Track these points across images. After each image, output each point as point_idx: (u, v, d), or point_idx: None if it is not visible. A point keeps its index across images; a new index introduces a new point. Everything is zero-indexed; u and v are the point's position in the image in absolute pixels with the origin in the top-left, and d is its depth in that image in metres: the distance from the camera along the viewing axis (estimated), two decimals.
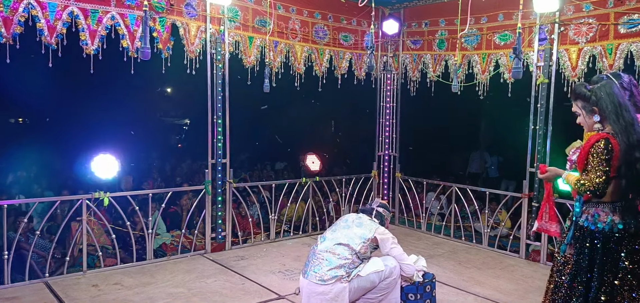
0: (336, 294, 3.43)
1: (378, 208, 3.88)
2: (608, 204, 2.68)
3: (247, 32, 5.68)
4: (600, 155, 2.60)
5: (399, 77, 7.09)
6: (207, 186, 5.50)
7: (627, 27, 4.85)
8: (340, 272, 3.46)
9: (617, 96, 2.68)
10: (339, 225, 3.75)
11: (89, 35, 4.57)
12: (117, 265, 5.07)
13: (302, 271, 3.65)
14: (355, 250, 3.53)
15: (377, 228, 3.65)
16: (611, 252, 2.66)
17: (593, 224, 2.70)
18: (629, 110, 2.67)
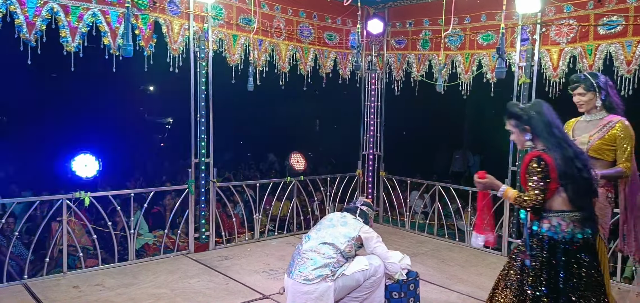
0: (321, 293, 3.42)
1: (362, 207, 3.89)
2: (568, 213, 2.78)
3: (231, 30, 5.64)
4: (536, 173, 2.75)
5: (384, 76, 7.12)
6: (191, 186, 5.44)
7: (606, 28, 4.94)
8: (326, 271, 3.45)
9: (546, 114, 2.85)
10: (323, 224, 3.74)
11: (70, 32, 4.49)
12: (99, 266, 4.99)
13: (287, 270, 3.64)
14: (340, 249, 3.53)
15: (362, 227, 3.66)
16: (572, 261, 2.75)
17: (555, 233, 2.78)
18: (559, 127, 2.84)
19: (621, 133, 3.35)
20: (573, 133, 3.58)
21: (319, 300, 3.42)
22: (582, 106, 3.51)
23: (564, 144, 2.78)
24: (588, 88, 3.43)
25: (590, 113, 3.51)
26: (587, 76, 3.48)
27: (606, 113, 3.46)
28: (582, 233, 2.77)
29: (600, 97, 3.43)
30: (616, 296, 4.61)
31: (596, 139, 3.40)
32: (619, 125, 3.37)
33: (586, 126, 3.52)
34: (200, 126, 5.42)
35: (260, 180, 6.63)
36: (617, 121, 3.39)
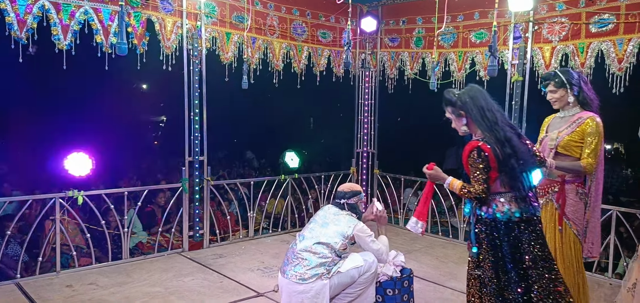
0: (317, 292, 3.43)
1: (348, 201, 3.81)
2: (504, 194, 2.87)
3: (224, 28, 5.63)
4: (476, 164, 2.82)
5: (377, 74, 7.13)
6: (184, 184, 5.43)
7: (598, 26, 4.98)
8: (321, 270, 3.46)
9: (479, 99, 2.91)
10: (316, 222, 3.74)
11: (61, 30, 4.46)
12: (92, 265, 4.97)
13: (281, 270, 3.64)
14: (335, 249, 3.54)
15: (356, 225, 3.66)
16: (514, 240, 2.85)
17: (492, 215, 2.88)
18: (493, 110, 2.88)
19: (589, 129, 3.36)
20: (547, 129, 3.62)
21: (315, 299, 3.43)
22: (555, 102, 3.53)
23: (495, 128, 2.83)
24: (559, 85, 3.45)
25: (564, 110, 3.53)
26: (557, 72, 3.50)
27: (580, 109, 3.47)
28: (520, 211, 2.85)
29: (573, 93, 3.44)
30: (608, 292, 4.66)
31: (565, 136, 3.42)
32: (589, 121, 3.38)
33: (559, 123, 3.54)
34: (193, 124, 5.41)
35: (254, 178, 6.62)
36: (587, 117, 3.40)
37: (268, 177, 6.73)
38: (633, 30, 4.74)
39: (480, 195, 2.83)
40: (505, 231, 2.86)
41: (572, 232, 3.46)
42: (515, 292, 2.85)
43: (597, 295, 4.59)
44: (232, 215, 6.50)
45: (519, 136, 2.94)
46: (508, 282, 2.87)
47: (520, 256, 2.85)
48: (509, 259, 2.86)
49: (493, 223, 2.89)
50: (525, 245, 2.85)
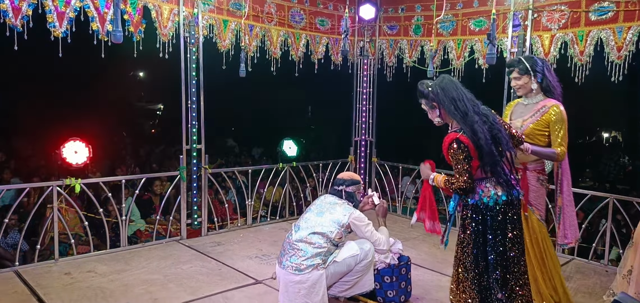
0: (314, 282, 3.44)
1: (347, 189, 3.82)
2: (488, 180, 2.89)
3: (221, 15, 5.58)
4: (457, 156, 2.83)
5: (376, 62, 7.10)
6: (182, 172, 5.43)
7: (597, 14, 4.95)
8: (317, 260, 3.47)
9: (451, 89, 2.90)
10: (312, 211, 3.74)
11: (57, 17, 4.42)
12: (90, 253, 4.98)
13: (278, 260, 3.65)
14: (331, 238, 3.54)
15: (352, 213, 3.65)
16: (499, 224, 2.89)
17: (478, 200, 2.91)
18: (464, 99, 2.87)
19: (554, 117, 3.42)
20: (511, 116, 3.67)
21: (312, 289, 3.44)
22: (518, 89, 3.57)
23: (469, 116, 2.84)
24: (523, 72, 3.49)
25: (527, 97, 3.57)
26: (521, 59, 3.54)
27: (543, 96, 3.53)
28: (506, 194, 2.88)
29: (536, 80, 3.48)
30: (604, 278, 4.69)
31: (529, 124, 3.48)
32: (553, 109, 3.43)
33: (523, 110, 3.59)
34: (191, 112, 5.39)
35: (252, 166, 6.62)
36: (551, 105, 3.45)
37: (266, 165, 6.72)
38: (633, 19, 4.73)
39: (464, 186, 2.84)
40: (491, 215, 2.90)
41: (535, 217, 3.57)
42: (492, 277, 2.91)
43: (593, 282, 4.62)
44: (230, 203, 6.50)
45: (493, 123, 2.91)
46: (486, 268, 2.94)
47: (502, 240, 2.91)
48: (491, 244, 2.91)
49: (480, 208, 2.92)
50: (509, 227, 2.91)
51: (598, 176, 10.17)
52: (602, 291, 4.34)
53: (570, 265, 5.07)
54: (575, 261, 5.20)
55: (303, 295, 3.45)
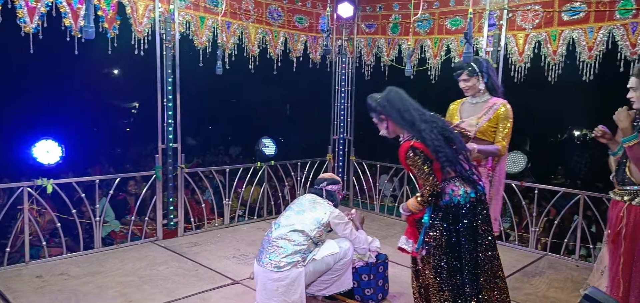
0: (292, 279, 3.43)
1: (327, 188, 3.85)
2: (456, 178, 2.95)
3: (198, 12, 5.51)
4: (416, 162, 2.87)
5: (354, 60, 7.12)
6: (158, 172, 5.34)
7: (570, 14, 5.07)
8: (296, 257, 3.46)
9: (396, 101, 2.97)
10: (292, 209, 3.73)
11: (27, 12, 4.29)
12: (63, 255, 4.86)
13: (257, 258, 3.62)
14: (311, 236, 3.54)
15: (332, 212, 3.66)
16: (470, 221, 2.94)
17: (450, 201, 2.94)
18: (410, 110, 2.93)
19: (502, 113, 3.63)
20: (460, 115, 3.81)
21: (290, 287, 3.43)
22: (467, 90, 3.75)
23: (416, 125, 2.89)
24: (471, 74, 3.67)
25: (475, 96, 3.75)
26: (469, 62, 3.73)
27: (489, 95, 3.73)
28: (474, 191, 2.95)
29: (483, 81, 3.69)
30: (575, 273, 4.81)
31: (484, 122, 3.65)
32: (502, 107, 3.65)
33: (473, 108, 3.76)
34: (167, 110, 5.31)
35: (229, 166, 6.56)
36: (500, 104, 3.67)
37: (244, 164, 6.67)
38: (603, 19, 4.85)
39: (433, 190, 2.85)
40: (463, 214, 2.93)
41: None
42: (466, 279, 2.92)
43: (565, 276, 4.73)
44: (207, 203, 6.43)
45: (443, 127, 2.95)
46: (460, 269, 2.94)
47: (474, 239, 2.94)
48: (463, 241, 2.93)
49: (451, 209, 2.94)
50: (480, 224, 2.96)
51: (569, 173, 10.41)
52: (574, 285, 4.45)
53: (542, 260, 5.18)
54: (548, 256, 5.31)
55: (281, 293, 3.43)
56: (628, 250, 2.97)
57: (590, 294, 2.80)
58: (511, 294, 4.13)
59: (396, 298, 4.08)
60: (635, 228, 2.95)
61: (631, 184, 2.98)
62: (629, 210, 2.98)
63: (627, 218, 2.98)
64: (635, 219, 2.95)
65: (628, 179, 3.00)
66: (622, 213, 2.99)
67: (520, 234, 6.20)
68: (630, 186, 2.99)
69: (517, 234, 6.11)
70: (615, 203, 3.11)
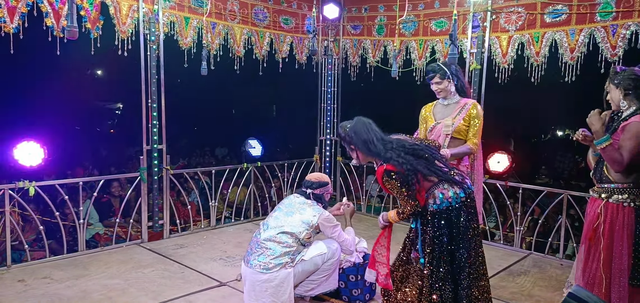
0: (281, 281, 3.42)
1: (315, 191, 3.82)
2: (440, 183, 3.00)
3: (182, 12, 5.47)
4: (393, 185, 2.92)
5: (340, 62, 7.13)
6: (143, 174, 5.29)
7: (552, 17, 5.15)
8: (285, 259, 3.45)
9: (362, 133, 3.03)
10: (281, 210, 3.72)
11: (8, 12, 4.22)
12: (46, 258, 4.78)
13: (244, 259, 3.61)
14: (300, 238, 3.53)
15: (321, 214, 3.66)
16: (465, 221, 3.00)
17: (441, 204, 2.99)
18: (373, 142, 2.99)
19: (474, 112, 3.74)
20: (434, 117, 3.91)
21: (279, 288, 3.43)
22: (439, 93, 3.84)
23: (382, 155, 2.95)
24: (443, 76, 3.77)
25: (447, 98, 3.85)
26: (441, 65, 3.83)
27: (459, 97, 3.84)
28: (463, 191, 3.01)
29: (454, 83, 3.80)
30: (559, 272, 4.88)
31: (459, 122, 3.74)
32: (473, 107, 3.76)
33: (445, 110, 3.86)
34: (151, 111, 5.26)
35: (215, 167, 6.52)
36: (471, 103, 3.78)
37: (230, 165, 6.64)
38: (584, 21, 4.93)
39: (413, 210, 2.93)
40: (457, 215, 2.97)
41: None
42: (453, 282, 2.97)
43: (549, 275, 4.79)
44: (193, 205, 6.38)
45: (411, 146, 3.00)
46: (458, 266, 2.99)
47: (469, 237, 2.99)
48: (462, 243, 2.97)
49: (443, 212, 2.98)
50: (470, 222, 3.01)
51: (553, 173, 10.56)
52: (558, 284, 4.51)
53: (527, 259, 5.25)
54: (533, 255, 5.38)
55: (270, 294, 3.43)
56: (607, 247, 3.05)
57: (575, 292, 2.86)
58: (496, 293, 4.21)
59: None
60: (613, 225, 3.04)
61: (608, 182, 3.08)
62: (606, 207, 3.07)
63: (605, 215, 3.07)
64: (612, 216, 3.05)
65: (605, 177, 3.10)
66: (599, 210, 3.08)
67: (505, 233, 6.27)
68: (608, 183, 3.09)
69: (502, 233, 6.18)
70: (593, 200, 3.21)
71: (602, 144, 2.93)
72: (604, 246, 3.05)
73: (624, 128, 2.96)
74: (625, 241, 3.00)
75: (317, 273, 3.66)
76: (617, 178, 3.04)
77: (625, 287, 2.99)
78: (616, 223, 3.03)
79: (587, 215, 3.27)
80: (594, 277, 3.11)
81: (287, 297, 3.45)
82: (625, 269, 3.00)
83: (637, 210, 3.00)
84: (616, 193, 3.03)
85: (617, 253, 3.02)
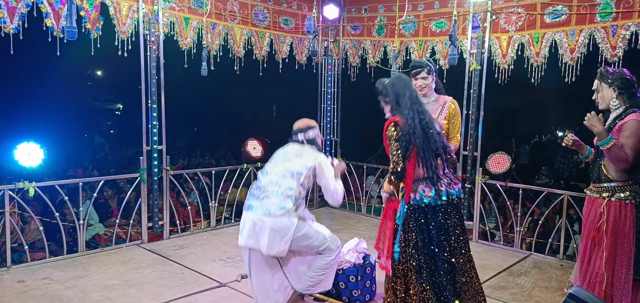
0: (284, 226, 3.37)
1: (307, 136, 3.69)
2: (426, 180, 3.02)
3: (182, 12, 5.47)
4: (392, 137, 2.99)
5: (340, 62, 7.13)
6: (143, 174, 5.29)
7: (552, 17, 5.15)
8: (288, 203, 3.39)
9: (397, 86, 3.10)
10: (278, 159, 3.64)
11: (8, 12, 4.22)
12: (46, 259, 4.78)
13: (245, 207, 3.54)
14: (300, 181, 3.48)
15: (317, 156, 3.59)
16: (441, 225, 3.02)
17: (420, 200, 3.02)
18: (405, 96, 3.05)
19: (453, 111, 3.75)
20: None
21: (280, 233, 3.37)
22: (423, 88, 3.76)
23: (404, 112, 3.00)
24: (429, 72, 3.73)
25: (427, 96, 3.79)
26: (428, 61, 3.78)
27: (436, 94, 3.81)
28: (445, 194, 3.02)
29: (434, 80, 3.79)
30: (559, 272, 4.87)
31: (442, 119, 3.72)
32: (452, 104, 3.76)
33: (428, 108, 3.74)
34: (151, 112, 5.26)
35: (215, 168, 6.52)
36: (449, 100, 3.78)
37: (230, 166, 6.64)
38: (584, 22, 4.93)
39: (396, 169, 2.94)
40: (432, 215, 3.01)
41: None
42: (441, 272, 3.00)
43: (549, 276, 4.79)
44: (193, 205, 6.38)
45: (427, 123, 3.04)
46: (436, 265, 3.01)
47: (446, 238, 3.02)
48: (435, 242, 3.01)
49: (422, 208, 3.02)
50: (451, 229, 3.03)
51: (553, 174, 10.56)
52: (558, 284, 4.51)
53: (527, 260, 5.25)
54: (533, 256, 5.38)
55: (270, 236, 3.37)
56: (610, 245, 3.06)
57: (575, 293, 2.85)
58: (497, 294, 4.21)
59: (383, 299, 4.08)
60: (617, 223, 3.05)
61: (608, 181, 3.10)
62: (608, 206, 3.08)
63: (608, 214, 3.08)
64: (615, 214, 3.06)
65: (604, 176, 3.12)
66: (602, 209, 3.09)
67: (505, 234, 6.27)
68: (608, 183, 3.10)
69: (502, 234, 6.18)
70: (591, 200, 3.23)
71: (607, 145, 2.96)
72: (607, 245, 3.07)
73: (622, 126, 3.01)
74: (630, 238, 3.03)
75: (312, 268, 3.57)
76: (617, 176, 3.06)
77: (629, 283, 3.01)
78: (619, 221, 3.05)
79: (586, 214, 3.28)
80: (596, 275, 3.12)
81: (284, 244, 3.39)
82: (628, 266, 3.02)
83: (638, 206, 3.03)
84: (618, 191, 3.06)
85: (620, 251, 3.04)
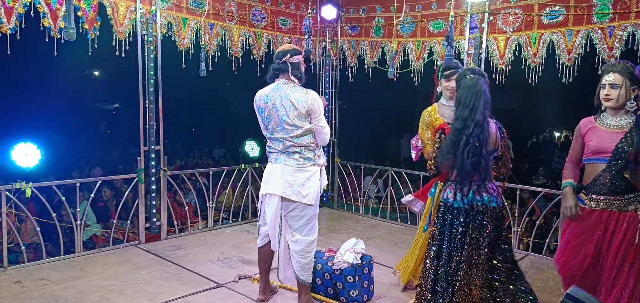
0: (310, 175, 3.55)
1: (291, 60, 3.68)
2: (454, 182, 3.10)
3: (180, 13, 5.47)
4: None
5: (338, 63, 7.13)
6: (140, 175, 5.28)
7: (549, 18, 5.16)
8: (310, 154, 3.56)
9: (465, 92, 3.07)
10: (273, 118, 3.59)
11: (4, 12, 4.20)
12: (43, 259, 4.76)
13: (270, 158, 3.67)
14: (308, 128, 3.54)
15: (309, 92, 3.58)
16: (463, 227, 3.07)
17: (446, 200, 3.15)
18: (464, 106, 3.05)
19: None
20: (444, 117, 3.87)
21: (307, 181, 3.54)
22: (449, 91, 3.81)
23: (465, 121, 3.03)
24: None
25: (451, 99, 3.81)
26: (456, 62, 3.84)
27: None
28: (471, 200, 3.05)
29: None
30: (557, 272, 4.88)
31: None
32: None
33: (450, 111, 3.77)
34: (149, 112, 5.25)
35: (213, 168, 6.51)
36: None
37: (227, 167, 6.63)
38: (581, 22, 4.95)
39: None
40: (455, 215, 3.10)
41: None
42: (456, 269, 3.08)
43: (547, 276, 4.80)
44: (191, 206, 6.37)
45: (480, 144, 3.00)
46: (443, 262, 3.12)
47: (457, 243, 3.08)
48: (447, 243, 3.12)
49: (447, 206, 3.15)
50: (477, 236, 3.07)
51: (551, 174, 10.59)
52: (556, 285, 4.51)
53: (525, 260, 5.25)
54: (530, 256, 5.38)
55: (300, 183, 3.53)
56: None
57: (572, 293, 2.86)
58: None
59: (381, 299, 4.09)
60: None
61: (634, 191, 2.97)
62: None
63: None
64: None
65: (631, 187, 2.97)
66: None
67: None
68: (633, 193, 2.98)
69: None
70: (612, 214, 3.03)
71: None
72: None
73: None
74: None
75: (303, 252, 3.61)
76: None
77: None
78: None
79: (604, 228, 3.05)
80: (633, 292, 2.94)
81: (310, 192, 3.53)
82: None
83: None
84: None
85: None
